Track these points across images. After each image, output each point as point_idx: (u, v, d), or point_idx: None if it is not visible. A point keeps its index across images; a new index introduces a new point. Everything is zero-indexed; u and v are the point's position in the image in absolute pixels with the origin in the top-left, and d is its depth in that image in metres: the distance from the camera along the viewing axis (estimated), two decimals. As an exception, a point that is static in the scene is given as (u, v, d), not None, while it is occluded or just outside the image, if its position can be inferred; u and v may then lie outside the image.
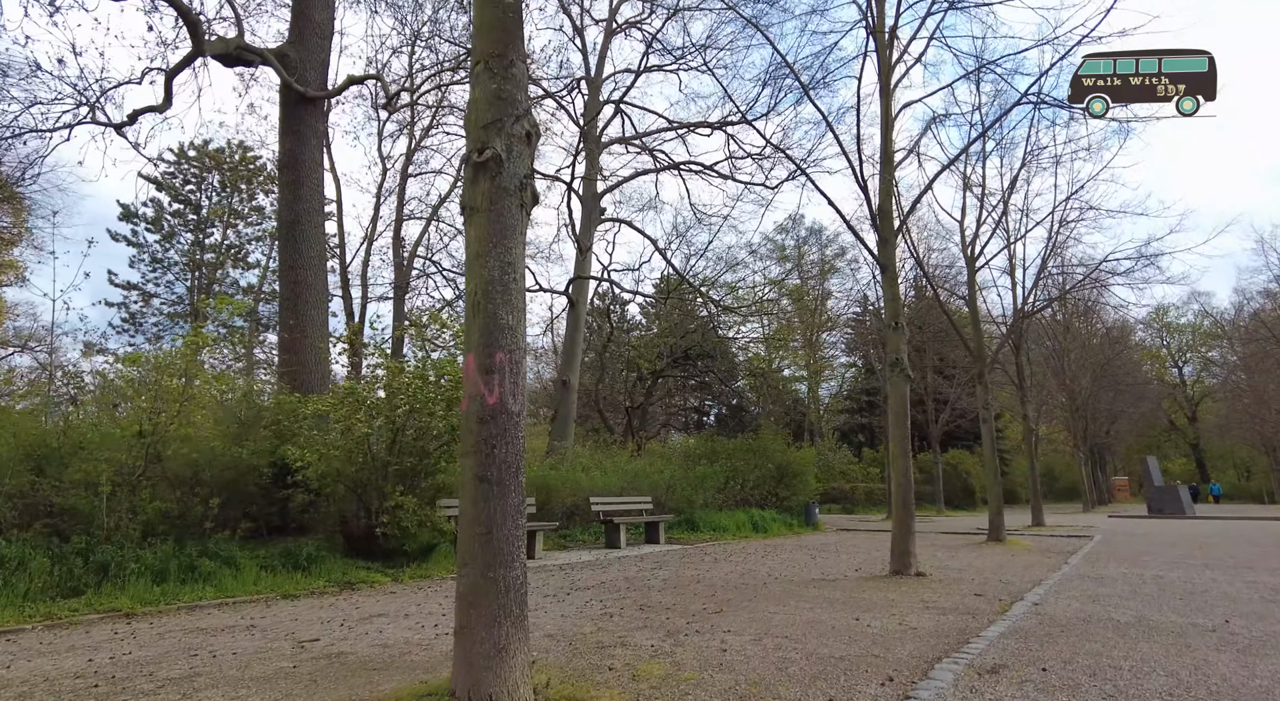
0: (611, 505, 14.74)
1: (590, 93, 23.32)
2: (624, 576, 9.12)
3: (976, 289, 15.02)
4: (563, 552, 12.95)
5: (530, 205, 3.72)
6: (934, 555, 11.63)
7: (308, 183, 13.47)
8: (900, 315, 9.27)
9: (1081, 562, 10.16)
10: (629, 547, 14.13)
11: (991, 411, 14.39)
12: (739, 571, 9.59)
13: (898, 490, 8.87)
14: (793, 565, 10.36)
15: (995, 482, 14.10)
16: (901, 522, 8.70)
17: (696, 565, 10.52)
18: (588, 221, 22.49)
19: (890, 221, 9.52)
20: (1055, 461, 56.08)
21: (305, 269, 13.12)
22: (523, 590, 3.34)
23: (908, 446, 8.91)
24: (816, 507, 21.18)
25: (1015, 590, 7.36)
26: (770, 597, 7.05)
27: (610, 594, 7.47)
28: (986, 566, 9.79)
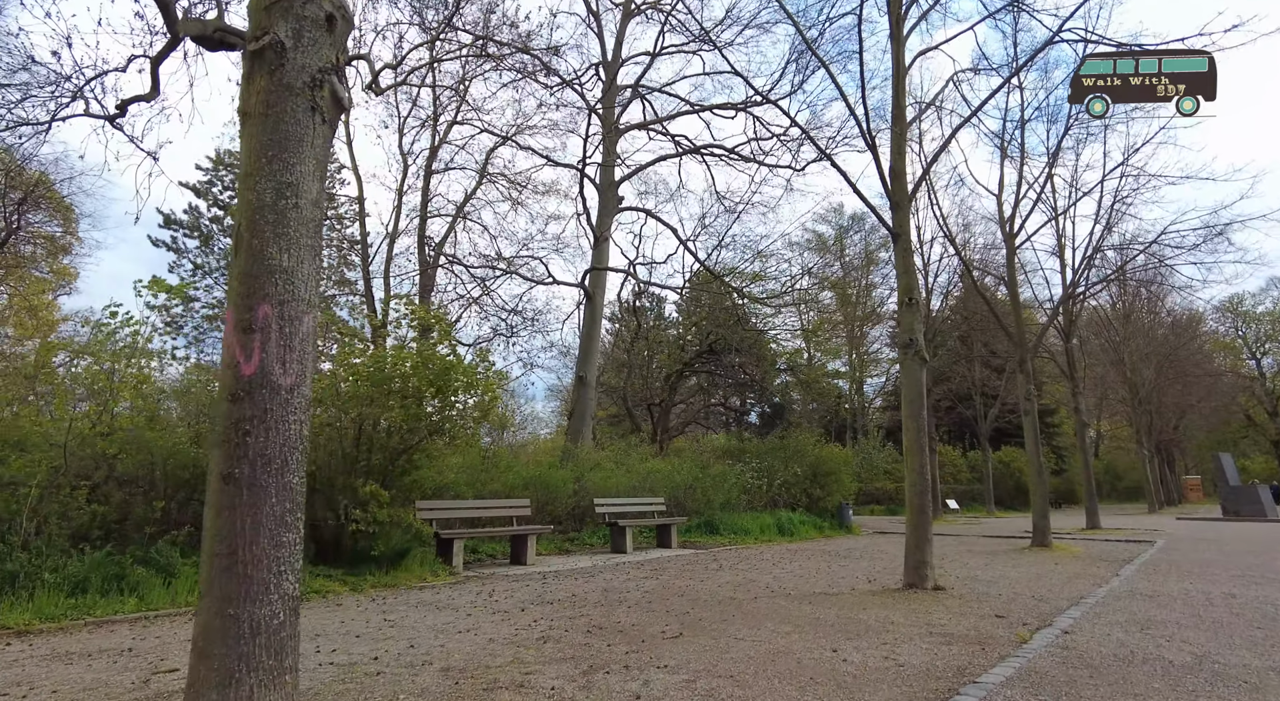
0: (617, 507, 13.77)
1: (608, 78, 22.42)
2: (604, 587, 8.15)
3: (1016, 269, 13.56)
4: (561, 558, 12.05)
5: (333, 113, 2.80)
6: (965, 563, 10.35)
7: (292, 169, 12.84)
8: (915, 290, 8.07)
9: (1136, 574, 8.79)
10: (636, 552, 13.16)
11: (1034, 403, 12.95)
12: (737, 582, 8.53)
13: (911, 490, 7.69)
14: (801, 574, 9.24)
15: (1039, 481, 12.66)
16: (916, 529, 7.53)
17: (695, 574, 9.48)
18: (605, 210, 21.57)
19: (903, 183, 8.34)
20: (1119, 459, 53.01)
21: (289, 259, 12.49)
22: (282, 633, 2.40)
23: (924, 440, 7.73)
24: (850, 509, 19.83)
25: (1046, 611, 6.14)
26: (749, 616, 5.99)
27: (571, 610, 6.51)
28: (1021, 578, 8.51)
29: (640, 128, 22.75)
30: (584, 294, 20.89)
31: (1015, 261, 13.42)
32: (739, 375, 23.85)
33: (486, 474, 13.09)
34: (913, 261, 8.23)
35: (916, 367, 7.86)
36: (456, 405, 10.04)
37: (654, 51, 21.85)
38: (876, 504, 33.30)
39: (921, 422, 7.75)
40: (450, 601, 7.21)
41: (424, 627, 5.71)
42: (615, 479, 15.39)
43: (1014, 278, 13.34)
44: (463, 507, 10.99)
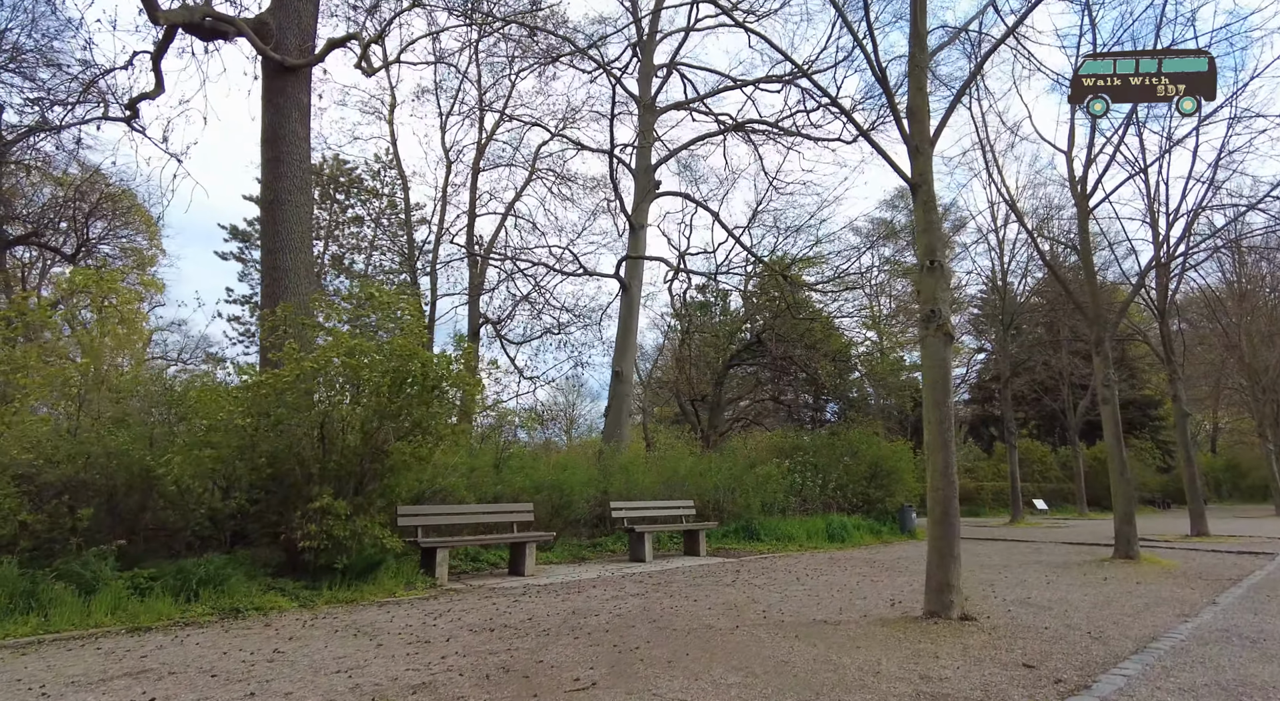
0: (635, 511, 12.64)
1: (644, 56, 21.28)
2: (576, 608, 7.05)
3: (1091, 236, 11.58)
4: (571, 567, 11.03)
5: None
6: (1023, 579, 8.71)
7: (288, 159, 12.30)
8: (938, 252, 6.61)
9: (1239, 603, 7.01)
10: (657, 560, 12.04)
11: (1114, 389, 11.02)
12: (734, 602, 7.28)
13: (933, 495, 6.25)
14: (818, 592, 7.89)
15: (1121, 481, 10.75)
16: (939, 544, 6.09)
17: (697, 590, 8.27)
18: (641, 196, 20.43)
19: (923, 124, 6.88)
20: (1243, 455, 47.95)
21: (285, 253, 11.94)
22: None
23: (948, 433, 6.27)
24: (914, 512, 18.01)
25: (1097, 659, 4.65)
26: (705, 656, 4.77)
27: (503, 642, 5.45)
28: (1085, 603, 6.90)
29: (679, 107, 21.48)
30: (619, 284, 19.82)
31: (1089, 226, 11.49)
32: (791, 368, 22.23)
33: (492, 476, 12.21)
34: (936, 217, 6.76)
35: (940, 345, 6.40)
36: (433, 401, 9.13)
37: (689, 25, 20.57)
38: (956, 504, 30.92)
39: (946, 412, 6.29)
40: (388, 624, 6.27)
41: (305, 664, 4.75)
42: (643, 480, 14.26)
43: (1087, 245, 11.40)
44: (452, 513, 10.11)
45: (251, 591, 7.55)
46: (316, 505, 7.68)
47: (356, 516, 8.20)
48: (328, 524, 7.66)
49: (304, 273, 12.20)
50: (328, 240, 41.01)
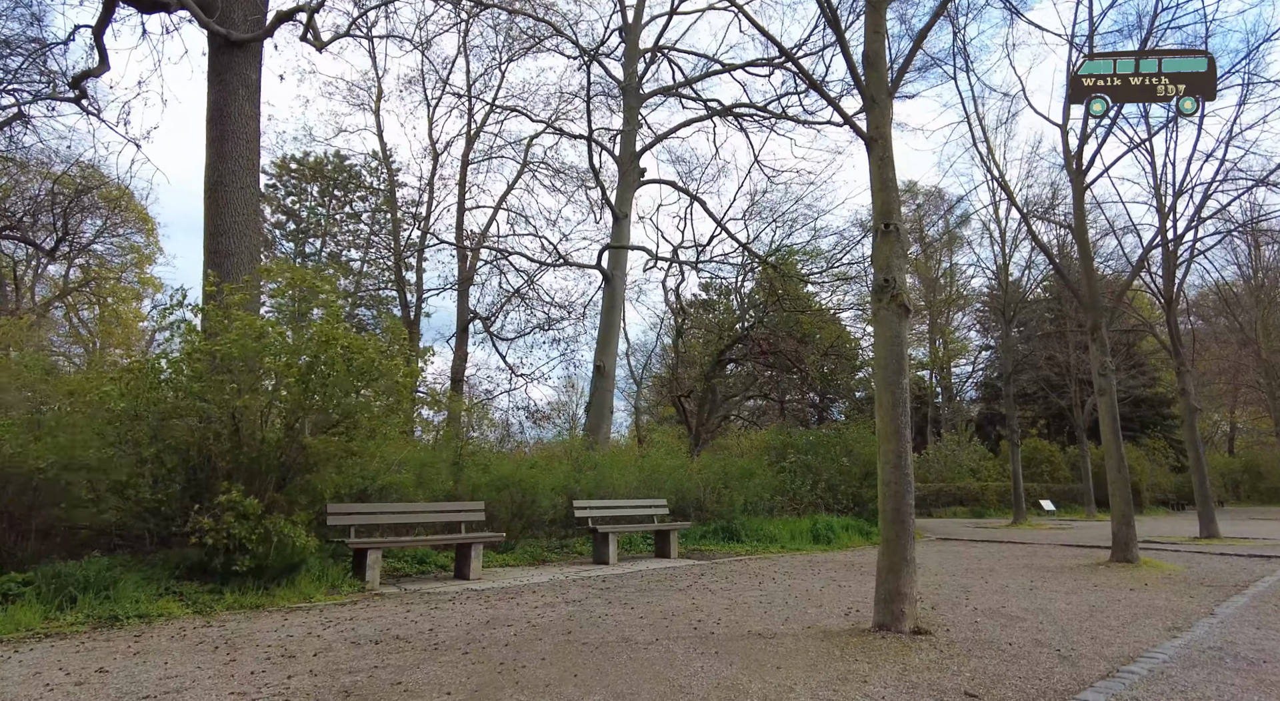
0: (601, 511, 11.90)
1: (629, 41, 20.55)
2: (491, 617, 6.31)
3: (1085, 214, 10.69)
4: (526, 570, 10.30)
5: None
6: (1004, 585, 7.89)
7: (234, 138, 11.65)
8: (895, 215, 5.82)
9: (1241, 614, 6.17)
10: (622, 563, 11.29)
11: (1111, 380, 10.14)
12: (677, 610, 6.53)
13: (885, 490, 5.47)
14: (775, 600, 7.12)
15: (1119, 478, 9.88)
16: (890, 547, 5.31)
17: (643, 597, 7.52)
18: (625, 184, 19.69)
19: (880, 72, 6.11)
20: (1261, 456, 46.53)
21: (229, 236, 11.29)
22: None
23: (902, 419, 5.48)
24: (907, 512, 17.11)
25: (1057, 687, 3.86)
26: (596, 678, 4.03)
27: (379, 657, 4.73)
28: (1066, 613, 6.09)
29: (665, 93, 20.74)
30: (602, 276, 19.07)
31: (1084, 204, 10.62)
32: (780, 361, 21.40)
33: (447, 473, 11.51)
34: (892, 174, 5.97)
35: (894, 318, 5.61)
36: (359, 391, 8.43)
37: (673, 7, 19.82)
38: (960, 505, 29.94)
39: (900, 394, 5.50)
40: (270, 634, 5.56)
41: (116, 688, 4.04)
42: (616, 478, 13.50)
43: (1082, 223, 10.52)
44: (389, 512, 9.39)
45: (143, 597, 6.85)
46: (218, 501, 6.99)
47: (270, 514, 7.51)
48: (227, 521, 6.96)
49: (248, 258, 11.53)
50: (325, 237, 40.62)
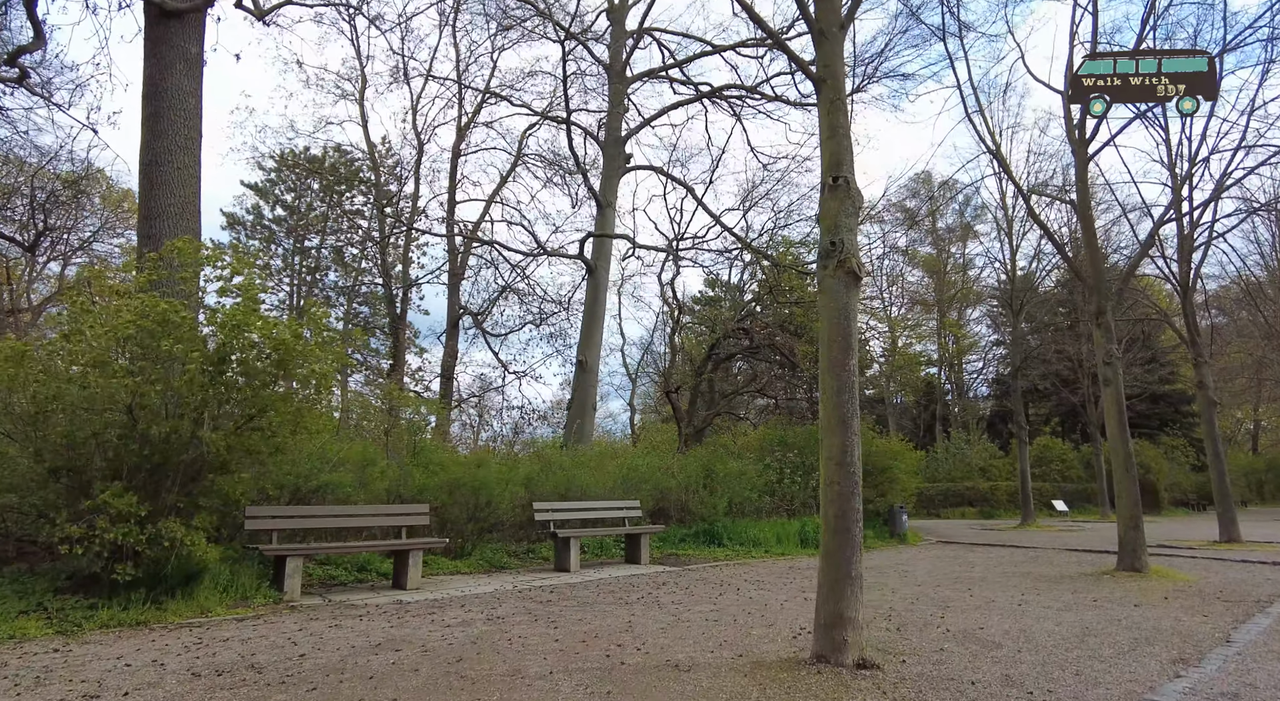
0: (564, 514, 11.06)
1: (615, 21, 19.70)
2: (384, 639, 5.48)
3: (1089, 186, 9.66)
4: (477, 578, 9.48)
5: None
6: (994, 597, 6.95)
7: (170, 115, 10.92)
8: (846, 166, 4.92)
9: (1264, 642, 5.20)
10: (585, 569, 10.45)
11: (1117, 369, 9.15)
12: (606, 631, 5.69)
13: (828, 491, 4.56)
14: (724, 617, 6.24)
15: (1126, 477, 8.88)
16: (833, 560, 4.41)
17: (584, 612, 6.68)
18: (610, 171, 18.83)
19: (832, 2, 5.21)
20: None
21: (163, 220, 10.56)
22: None
23: (851, 408, 4.57)
24: (905, 514, 16.16)
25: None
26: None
27: (205, 694, 3.90)
28: (1053, 637, 5.16)
29: (653, 75, 19.86)
30: (585, 266, 18.22)
31: (1087, 176, 9.61)
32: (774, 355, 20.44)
33: (396, 472, 10.70)
34: (844, 121, 5.06)
35: (842, 287, 4.71)
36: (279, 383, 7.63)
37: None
38: (969, 505, 28.82)
39: (847, 378, 4.59)
40: (95, 666, 4.75)
41: None
42: (585, 478, 12.63)
43: (1085, 198, 9.52)
44: (316, 515, 8.58)
45: (6, 614, 6.09)
46: (88, 504, 6.21)
47: (162, 518, 6.72)
48: (101, 527, 6.17)
49: (186, 244, 10.80)
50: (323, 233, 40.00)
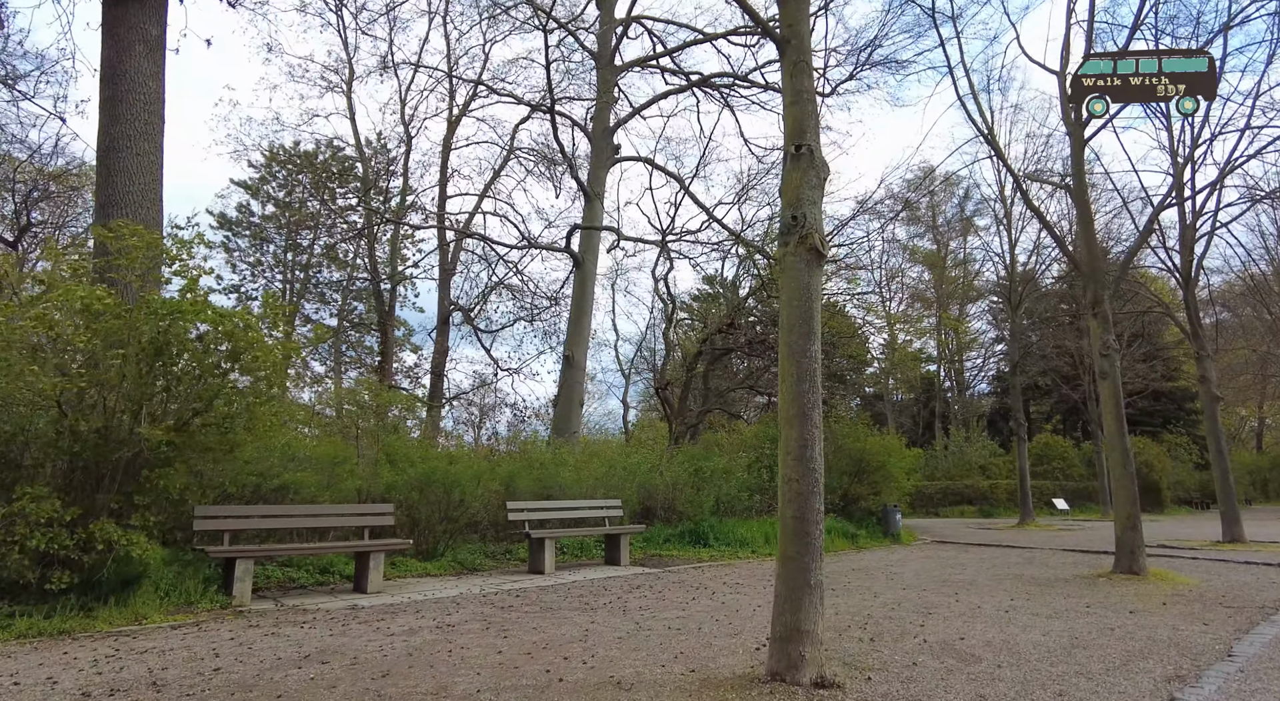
0: (540, 513, 10.65)
1: (603, 10, 19.27)
2: (315, 650, 5.07)
3: (1085, 170, 9.21)
4: (446, 581, 9.08)
5: None
6: (980, 604, 6.52)
7: (129, 99, 10.51)
8: (809, 134, 4.48)
9: (1267, 655, 4.75)
10: (562, 571, 10.06)
11: (1115, 360, 8.72)
12: (557, 641, 5.27)
13: (786, 488, 4.14)
14: (689, 625, 5.83)
15: (1124, 474, 8.44)
16: (791, 566, 3.98)
17: (542, 619, 6.28)
18: (598, 162, 18.40)
19: (796, -42, 4.78)
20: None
21: (121, 208, 10.15)
22: None
23: (812, 398, 4.14)
24: (899, 513, 15.73)
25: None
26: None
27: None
28: (1038, 649, 4.73)
29: (641, 64, 19.40)
30: (572, 259, 17.79)
31: (1084, 159, 9.16)
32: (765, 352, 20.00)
33: (364, 470, 10.31)
34: (809, 84, 4.63)
35: (803, 266, 4.28)
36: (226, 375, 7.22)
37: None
38: (968, 504, 28.35)
39: (809, 366, 4.16)
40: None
41: None
42: (565, 476, 12.21)
43: (1082, 182, 9.07)
44: (270, 516, 8.17)
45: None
46: (6, 510, 5.80)
47: (94, 519, 6.32)
48: (19, 532, 5.76)
49: (146, 233, 10.39)
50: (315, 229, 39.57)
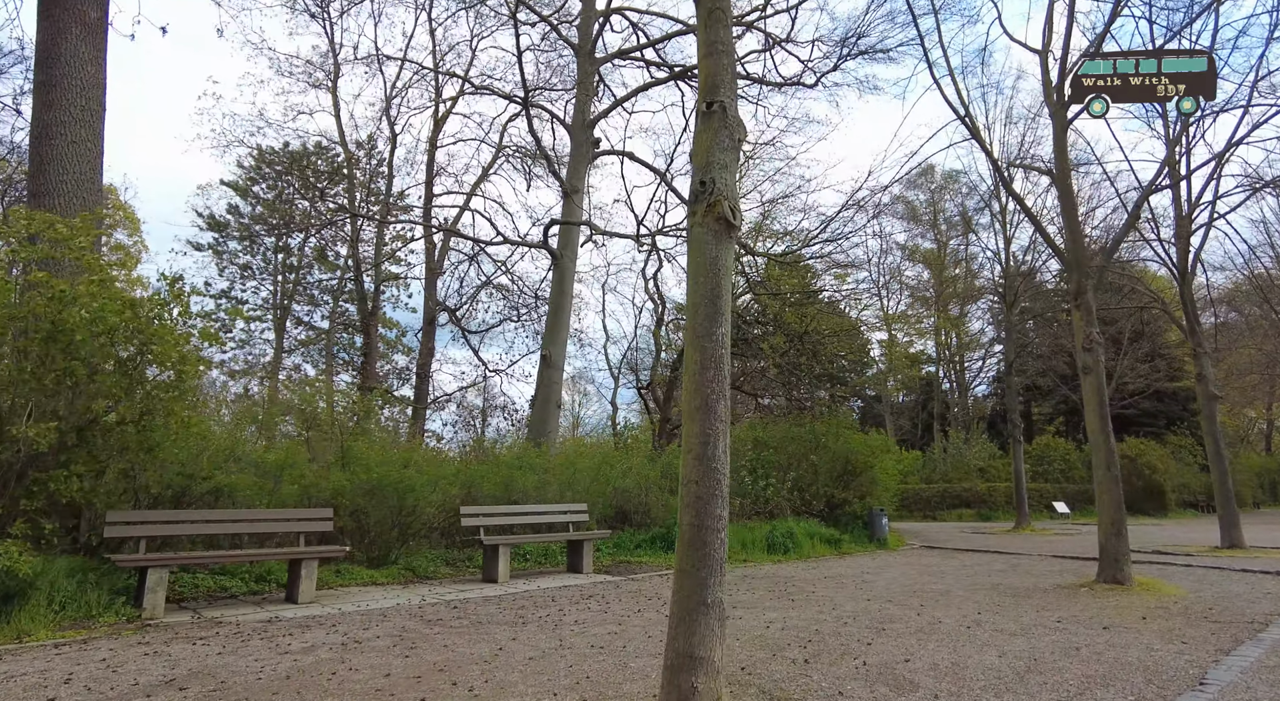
0: (495, 519, 10.13)
1: (584, 2, 18.77)
2: (163, 679, 4.55)
3: (1068, 153, 8.61)
4: (392, 590, 8.59)
5: None
6: (940, 618, 5.95)
7: (65, 84, 10.07)
8: (724, 89, 3.96)
9: (1246, 683, 4.18)
10: (519, 580, 9.54)
11: (1099, 354, 8.14)
12: (431, 668, 4.75)
13: (686, 489, 3.59)
14: (615, 643, 5.30)
15: (1108, 477, 7.86)
16: (686, 581, 3.45)
17: (451, 639, 5.74)
18: (577, 156, 17.88)
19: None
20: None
21: (54, 198, 9.69)
22: None
23: (718, 389, 3.61)
24: (885, 517, 15.12)
25: None
26: None
27: None
28: (987, 675, 4.18)
29: (623, 56, 18.89)
30: (550, 255, 17.27)
31: (1066, 142, 8.59)
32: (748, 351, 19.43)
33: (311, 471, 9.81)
34: (726, 35, 4.10)
35: (712, 238, 3.75)
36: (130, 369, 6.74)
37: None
38: (966, 507, 27.69)
39: (715, 352, 3.63)
40: None
41: None
42: (529, 481, 11.69)
43: (1065, 165, 8.48)
44: (192, 521, 7.67)
45: None
46: None
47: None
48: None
49: (83, 226, 9.93)
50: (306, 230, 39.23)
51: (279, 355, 36.40)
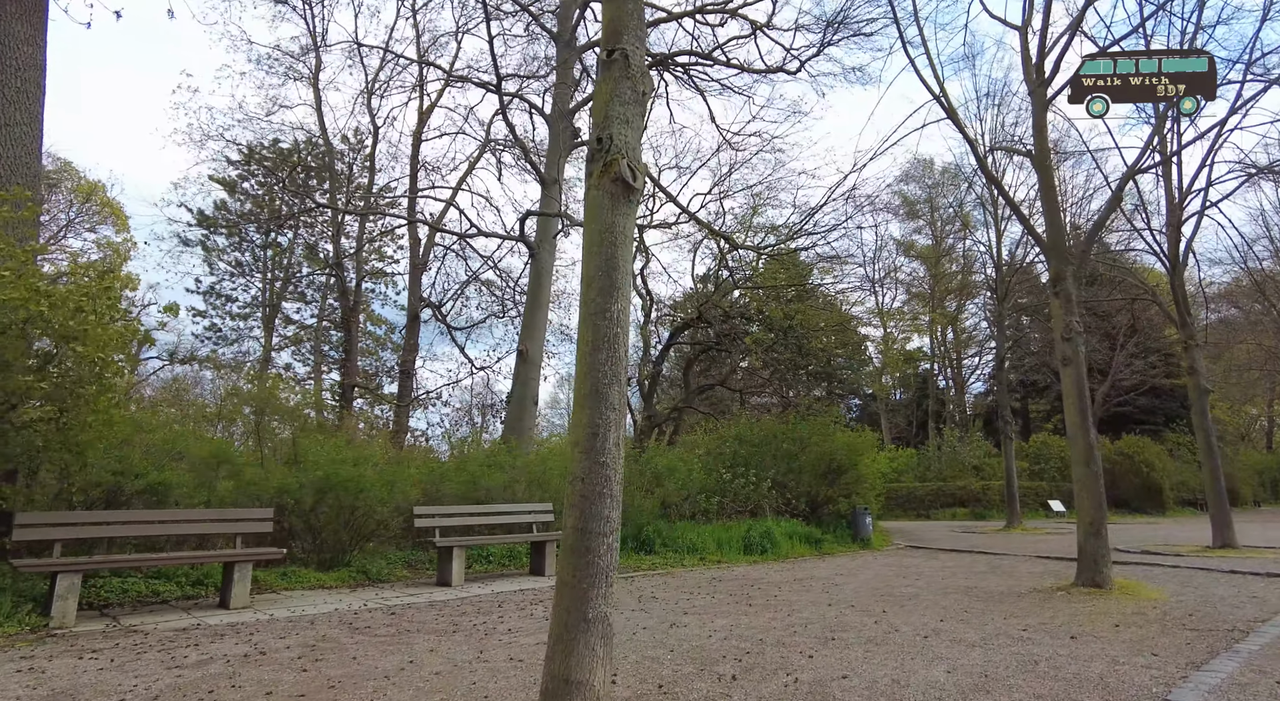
0: (451, 519, 9.70)
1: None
2: (42, 696, 4.11)
3: (1047, 134, 8.15)
4: (334, 595, 8.18)
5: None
6: (898, 625, 5.51)
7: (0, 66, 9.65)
8: (628, 37, 3.52)
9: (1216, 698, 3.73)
10: (474, 583, 9.13)
11: (1078, 345, 7.69)
12: (321, 683, 4.33)
13: (573, 487, 3.15)
14: (540, 655, 4.85)
15: (1087, 473, 7.40)
16: (567, 593, 3.01)
17: (363, 650, 5.31)
18: (555, 147, 17.43)
19: None
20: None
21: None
22: None
23: (610, 373, 3.17)
24: (869, 516, 14.67)
25: None
26: None
27: None
28: (928, 696, 3.73)
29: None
30: (527, 248, 16.83)
31: (1046, 122, 8.12)
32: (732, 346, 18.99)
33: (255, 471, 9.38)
34: (632, -20, 3.65)
35: (605, 200, 3.31)
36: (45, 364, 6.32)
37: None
38: (960, 505, 27.22)
39: (609, 331, 3.19)
40: None
41: None
42: (491, 480, 11.24)
43: (1044, 145, 8.02)
44: (113, 522, 7.24)
45: None
46: None
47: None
48: None
49: (26, 225, 9.49)
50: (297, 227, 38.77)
51: (267, 353, 35.98)
